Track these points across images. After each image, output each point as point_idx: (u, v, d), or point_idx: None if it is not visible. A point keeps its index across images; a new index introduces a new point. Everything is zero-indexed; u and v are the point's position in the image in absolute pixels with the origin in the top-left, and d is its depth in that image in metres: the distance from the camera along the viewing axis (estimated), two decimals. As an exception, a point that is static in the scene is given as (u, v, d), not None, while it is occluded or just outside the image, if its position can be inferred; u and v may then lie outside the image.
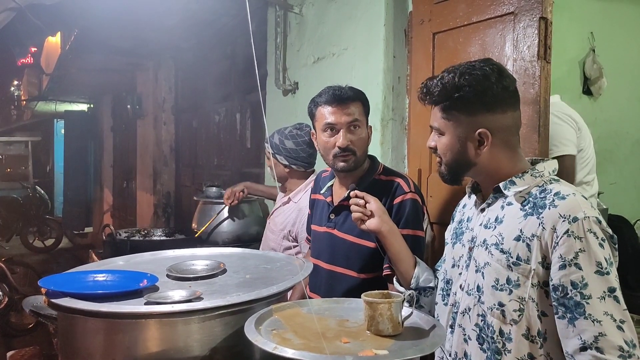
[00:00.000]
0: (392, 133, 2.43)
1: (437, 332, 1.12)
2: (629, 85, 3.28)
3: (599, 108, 3.15)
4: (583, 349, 1.05)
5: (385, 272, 1.64)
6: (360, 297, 1.17)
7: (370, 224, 1.39)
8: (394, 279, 1.48)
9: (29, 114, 13.92)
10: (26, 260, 6.63)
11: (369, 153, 1.83)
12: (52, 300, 1.17)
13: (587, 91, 3.08)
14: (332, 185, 1.85)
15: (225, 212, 2.98)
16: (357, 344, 1.07)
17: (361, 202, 1.39)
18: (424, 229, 1.76)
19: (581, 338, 1.05)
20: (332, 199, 1.81)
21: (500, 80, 1.19)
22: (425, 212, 1.89)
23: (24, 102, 13.32)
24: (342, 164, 1.70)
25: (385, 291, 1.21)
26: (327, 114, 1.69)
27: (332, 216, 1.78)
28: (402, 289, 1.43)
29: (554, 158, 2.29)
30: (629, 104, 3.31)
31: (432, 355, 1.40)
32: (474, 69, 1.20)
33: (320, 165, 2.55)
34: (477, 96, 1.18)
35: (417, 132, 2.37)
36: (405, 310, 1.18)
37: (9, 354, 1.85)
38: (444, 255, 1.45)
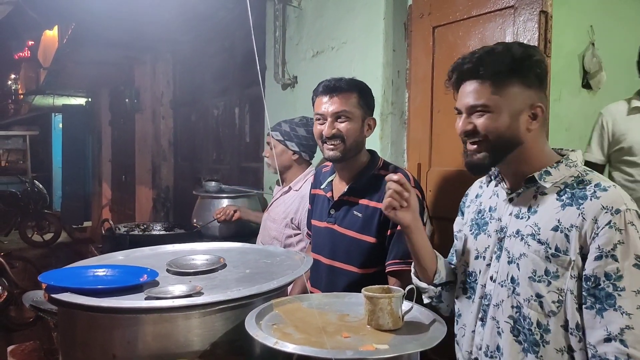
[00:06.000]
0: (391, 127, 2.42)
1: (437, 327, 1.13)
2: (628, 79, 3.26)
3: (598, 102, 3.14)
4: (607, 340, 1.03)
5: (389, 268, 1.64)
6: (360, 292, 1.17)
7: (405, 217, 1.29)
8: (412, 274, 1.43)
9: (26, 108, 13.87)
10: (25, 254, 6.63)
11: (369, 148, 1.83)
12: (53, 295, 1.17)
13: (586, 85, 3.07)
14: (332, 181, 1.85)
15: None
16: (358, 338, 1.08)
17: (400, 188, 1.28)
18: (424, 223, 1.76)
19: (607, 329, 1.04)
20: (332, 194, 1.81)
21: (543, 60, 1.20)
22: (425, 206, 1.89)
23: (22, 96, 13.28)
24: (329, 152, 1.73)
25: (386, 286, 1.22)
26: (318, 104, 1.75)
27: (333, 211, 1.78)
28: (423, 284, 1.39)
29: None
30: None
31: (447, 350, 1.39)
32: (522, 44, 1.21)
33: (318, 160, 2.55)
34: (533, 68, 1.17)
35: (417, 127, 2.36)
36: (406, 304, 1.19)
37: (8, 348, 1.85)
38: (455, 247, 1.43)
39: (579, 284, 1.11)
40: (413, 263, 1.41)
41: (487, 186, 1.36)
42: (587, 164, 2.53)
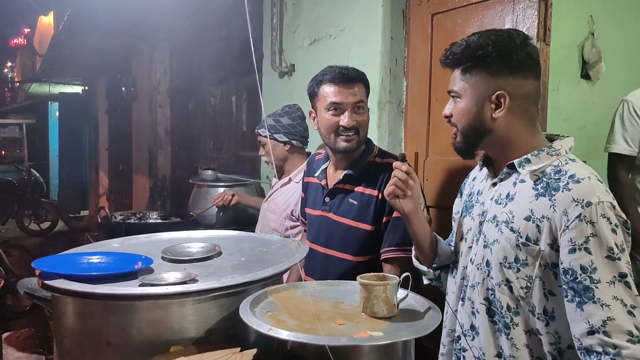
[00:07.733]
0: (389, 116, 2.41)
1: (432, 315, 1.12)
2: (627, 70, 3.25)
3: (597, 92, 3.12)
4: (590, 332, 1.04)
5: (385, 255, 1.64)
6: (355, 280, 1.17)
7: (406, 205, 1.30)
8: (413, 257, 1.46)
9: (22, 96, 13.80)
10: (22, 243, 6.62)
11: (365, 136, 1.82)
12: (46, 281, 1.16)
13: (585, 75, 3.06)
14: (326, 168, 1.84)
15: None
16: (352, 325, 1.08)
17: (405, 177, 1.29)
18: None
19: (589, 322, 1.05)
20: (327, 182, 1.80)
21: (525, 45, 1.18)
22: (422, 195, 1.88)
23: (18, 84, 13.21)
24: (345, 144, 1.68)
25: (381, 274, 1.21)
26: (332, 92, 1.68)
27: (327, 199, 1.77)
28: (423, 267, 1.42)
29: None
30: (627, 89, 3.29)
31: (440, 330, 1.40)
32: (500, 31, 1.21)
33: (311, 147, 2.54)
34: (500, 56, 1.16)
35: (414, 115, 2.35)
36: (401, 292, 1.18)
37: (4, 335, 1.84)
38: (453, 228, 1.45)
39: (547, 272, 1.13)
40: (413, 247, 1.43)
41: (480, 170, 1.37)
42: (615, 156, 2.42)
